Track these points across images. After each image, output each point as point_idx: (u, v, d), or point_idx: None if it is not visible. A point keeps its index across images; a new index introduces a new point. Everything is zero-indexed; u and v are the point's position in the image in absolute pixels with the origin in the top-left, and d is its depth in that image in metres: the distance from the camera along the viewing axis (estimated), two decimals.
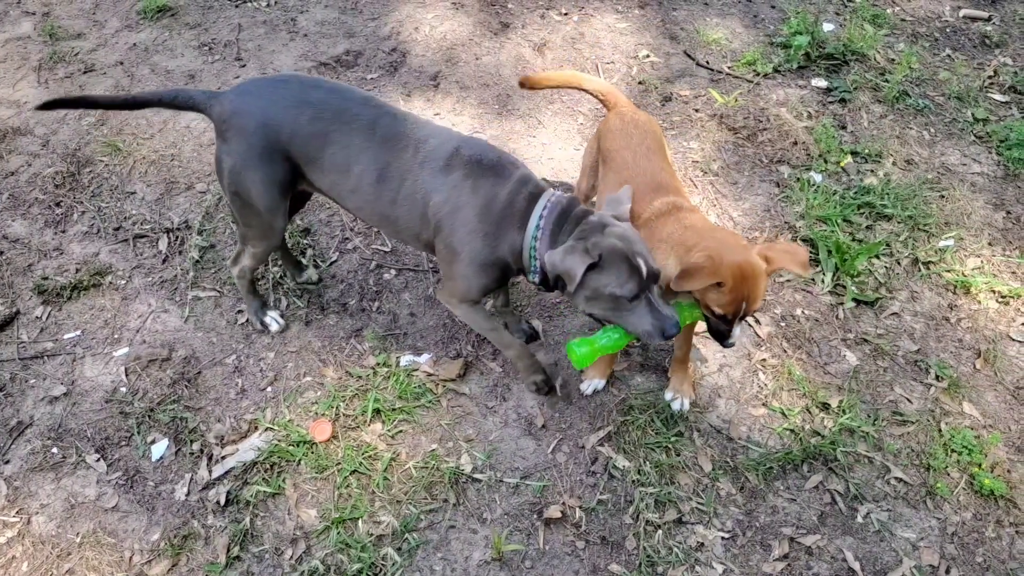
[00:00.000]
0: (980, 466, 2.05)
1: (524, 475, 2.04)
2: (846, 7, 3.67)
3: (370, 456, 2.06)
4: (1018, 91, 3.24)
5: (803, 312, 2.43)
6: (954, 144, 3.02)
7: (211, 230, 2.64)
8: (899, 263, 2.57)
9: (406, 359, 2.27)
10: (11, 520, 1.95)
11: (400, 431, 2.12)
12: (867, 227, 2.67)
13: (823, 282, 2.49)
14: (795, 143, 2.97)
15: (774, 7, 3.66)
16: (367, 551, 1.88)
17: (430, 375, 2.23)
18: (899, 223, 2.68)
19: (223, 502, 1.97)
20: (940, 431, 2.14)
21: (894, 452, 2.10)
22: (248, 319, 2.36)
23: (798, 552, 1.91)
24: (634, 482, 2.02)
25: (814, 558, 1.90)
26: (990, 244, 2.66)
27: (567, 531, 1.94)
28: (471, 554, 1.90)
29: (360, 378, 2.23)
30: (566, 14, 3.58)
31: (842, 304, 2.44)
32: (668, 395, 2.16)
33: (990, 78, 3.30)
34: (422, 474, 2.03)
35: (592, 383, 2.18)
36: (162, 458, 2.07)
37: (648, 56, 3.34)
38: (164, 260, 2.56)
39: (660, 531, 1.93)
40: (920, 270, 2.56)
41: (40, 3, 3.65)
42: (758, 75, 3.26)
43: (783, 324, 2.40)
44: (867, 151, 2.93)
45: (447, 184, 1.84)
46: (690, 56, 3.35)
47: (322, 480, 2.02)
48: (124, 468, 2.06)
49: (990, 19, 3.66)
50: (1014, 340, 2.38)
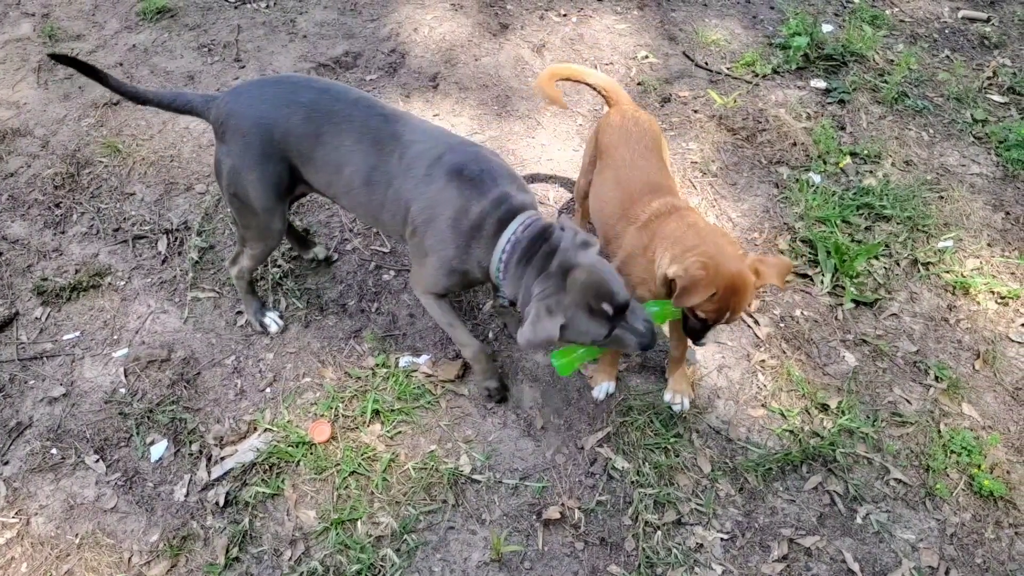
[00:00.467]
0: (979, 467, 2.05)
1: (523, 476, 2.04)
2: (845, 8, 3.68)
3: (369, 457, 2.06)
4: (1017, 92, 3.24)
5: (802, 313, 2.43)
6: (953, 145, 3.02)
7: (210, 231, 2.65)
8: (898, 264, 2.57)
9: (405, 360, 2.27)
10: (10, 521, 1.95)
11: (399, 432, 2.12)
12: (866, 228, 2.67)
13: (822, 283, 2.49)
14: (794, 144, 2.97)
15: (773, 8, 3.66)
16: (366, 552, 1.88)
17: (429, 376, 2.23)
18: (898, 224, 2.69)
19: (222, 503, 1.97)
20: (939, 432, 2.14)
21: (893, 453, 2.10)
22: (247, 320, 2.36)
23: (797, 553, 1.91)
24: (633, 483, 2.02)
25: (813, 559, 1.90)
26: (989, 245, 2.66)
27: (566, 532, 1.94)
28: (470, 555, 1.90)
29: (359, 379, 2.23)
30: (565, 15, 3.58)
31: (841, 305, 2.45)
32: (667, 396, 2.16)
33: (989, 79, 3.31)
34: (421, 475, 2.03)
35: (603, 387, 2.17)
36: (161, 459, 2.07)
37: (647, 57, 3.35)
38: (163, 261, 2.56)
39: (659, 532, 1.93)
40: (919, 271, 2.56)
41: (40, 4, 3.66)
42: (757, 76, 3.26)
43: (782, 325, 2.40)
44: (866, 152, 2.94)
45: (426, 193, 1.84)
46: (689, 57, 3.36)
47: (321, 481, 2.02)
48: (123, 469, 2.06)
49: (989, 20, 3.66)
50: (1013, 341, 2.38)
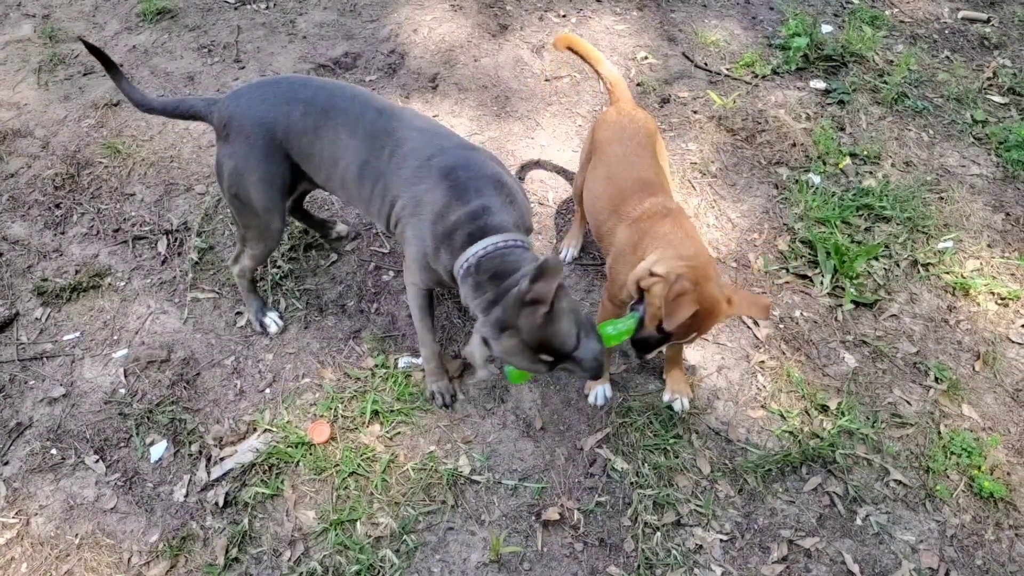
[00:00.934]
0: (980, 468, 2.05)
1: (522, 477, 2.04)
2: (844, 9, 3.68)
3: (368, 458, 2.06)
4: (1017, 93, 3.24)
5: (802, 314, 2.43)
6: (953, 146, 3.02)
7: (210, 232, 2.65)
8: (898, 265, 2.57)
9: (404, 360, 2.27)
10: (10, 521, 1.95)
11: (398, 432, 2.12)
12: (866, 229, 2.67)
13: (822, 284, 2.49)
14: (794, 145, 2.97)
15: (772, 9, 3.66)
16: (365, 553, 1.88)
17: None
18: (898, 225, 2.68)
19: (221, 503, 1.97)
20: (939, 433, 2.14)
21: (893, 454, 2.10)
22: (247, 320, 2.36)
23: (797, 554, 1.91)
24: (632, 484, 2.02)
25: (813, 560, 1.90)
26: (989, 246, 2.66)
27: (565, 533, 1.94)
28: (469, 556, 1.90)
29: (358, 379, 2.23)
30: (564, 16, 3.59)
31: (841, 306, 2.44)
32: (666, 396, 2.16)
33: (989, 80, 3.30)
34: (420, 476, 2.03)
35: (597, 392, 2.16)
36: (161, 459, 2.07)
37: (647, 58, 3.35)
38: (163, 262, 2.56)
39: (658, 533, 1.93)
40: (919, 272, 2.56)
41: (40, 5, 3.66)
42: (756, 77, 3.26)
43: (782, 326, 2.40)
44: (866, 153, 2.94)
45: (410, 191, 1.84)
46: (688, 58, 3.36)
47: (320, 482, 2.02)
48: (123, 469, 2.06)
49: (989, 21, 3.66)
50: (1013, 342, 2.38)
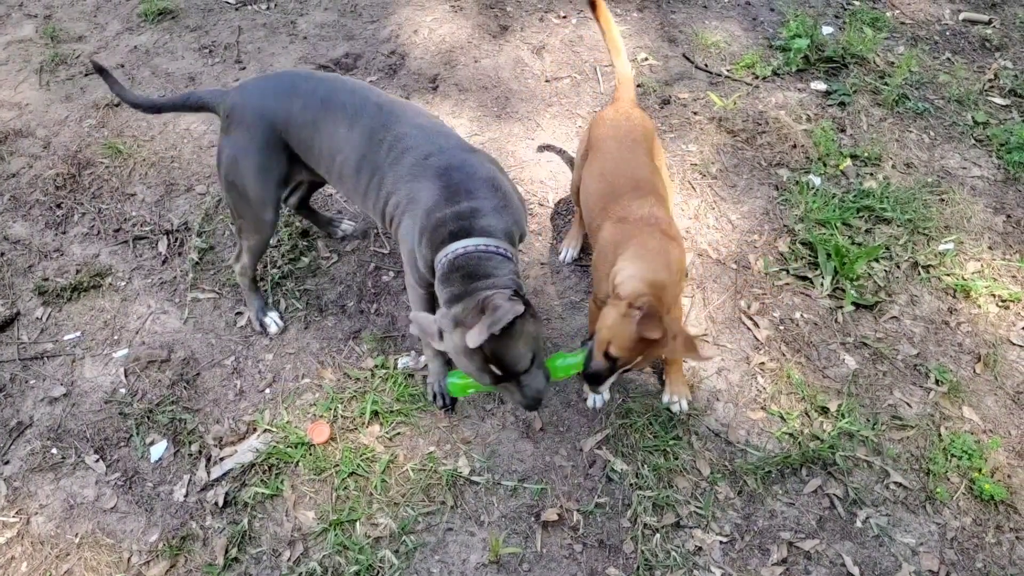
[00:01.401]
0: (980, 471, 2.05)
1: (522, 478, 2.04)
2: (845, 10, 3.68)
3: (368, 458, 2.06)
4: (1018, 94, 3.24)
5: (802, 315, 2.43)
6: (954, 147, 3.02)
7: (210, 232, 2.65)
8: (898, 267, 2.57)
9: (404, 361, 2.27)
10: (10, 520, 1.96)
11: (398, 433, 2.12)
12: (866, 230, 2.67)
13: (822, 286, 2.49)
14: (794, 146, 2.97)
15: (773, 10, 3.66)
16: (365, 553, 1.88)
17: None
18: (898, 226, 2.68)
19: (221, 503, 1.97)
20: (940, 436, 2.13)
21: (893, 456, 2.09)
22: (248, 319, 2.36)
23: (796, 557, 1.91)
24: (632, 485, 2.02)
25: (813, 563, 1.90)
26: (990, 248, 2.65)
27: (564, 534, 1.94)
28: (468, 556, 1.90)
29: (358, 380, 2.23)
30: (565, 17, 3.59)
31: (841, 308, 2.44)
32: (665, 397, 2.16)
33: (990, 81, 3.30)
34: (420, 476, 2.03)
35: (594, 396, 2.16)
36: (161, 459, 2.07)
37: (647, 59, 3.35)
38: (164, 262, 2.56)
39: (658, 535, 1.93)
40: (920, 274, 2.55)
41: (42, 6, 3.67)
42: (757, 78, 3.26)
43: (782, 327, 2.40)
44: (866, 154, 2.93)
45: (407, 189, 1.84)
46: (689, 59, 3.36)
47: (320, 482, 2.02)
48: (123, 469, 2.06)
49: (990, 22, 3.66)
50: (1014, 344, 2.37)
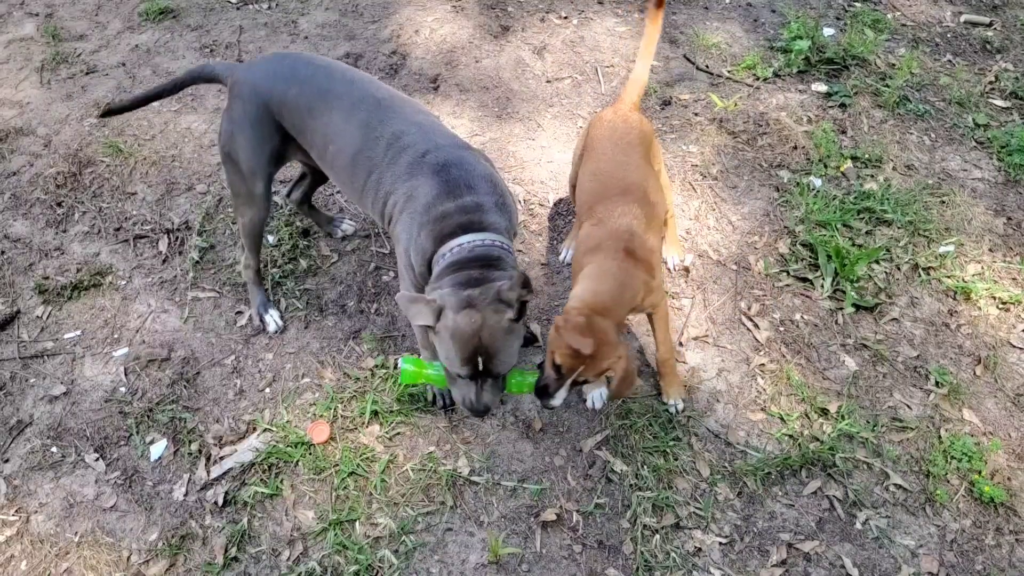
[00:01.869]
0: (980, 473, 2.05)
1: (521, 478, 2.04)
2: (847, 12, 3.68)
3: (368, 458, 2.06)
4: (1019, 97, 3.24)
5: (802, 317, 2.43)
6: (955, 149, 3.02)
7: (211, 231, 2.65)
8: (899, 268, 2.57)
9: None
10: (10, 519, 1.95)
11: (398, 433, 2.12)
12: (867, 232, 2.67)
13: (823, 287, 2.49)
14: (795, 148, 2.97)
15: (774, 11, 3.66)
16: (364, 553, 1.88)
17: None
18: (899, 228, 2.68)
19: (221, 503, 1.97)
20: (940, 438, 2.13)
21: (893, 458, 2.09)
22: (249, 315, 2.36)
23: (796, 558, 1.91)
24: (631, 486, 2.02)
25: (812, 564, 1.90)
26: (990, 250, 2.65)
27: (564, 535, 1.94)
28: (468, 557, 1.90)
29: (358, 380, 2.23)
30: (566, 17, 3.59)
31: (841, 309, 2.44)
32: (664, 398, 2.16)
33: (991, 83, 3.30)
34: (419, 476, 2.03)
35: (593, 396, 2.15)
36: (160, 458, 2.07)
37: None
38: (164, 261, 2.56)
39: (657, 536, 1.93)
40: (920, 276, 2.55)
41: (43, 4, 3.67)
42: (758, 79, 3.26)
43: (782, 329, 2.40)
44: (867, 156, 2.93)
45: (405, 188, 1.85)
46: (690, 60, 3.36)
47: (320, 482, 2.02)
48: (123, 468, 2.06)
49: (991, 24, 3.66)
50: (1014, 347, 2.37)
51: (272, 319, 2.34)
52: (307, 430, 2.11)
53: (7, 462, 2.07)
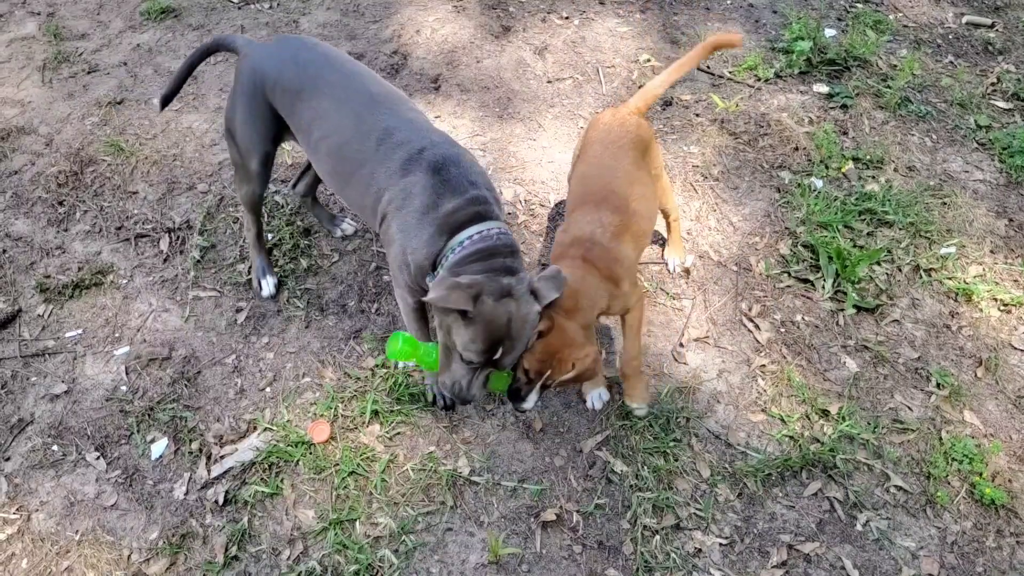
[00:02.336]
0: (981, 475, 2.04)
1: (522, 478, 2.04)
2: (848, 13, 3.68)
3: (368, 458, 2.06)
4: (1021, 98, 3.24)
5: (803, 318, 2.43)
6: (956, 151, 3.02)
7: (212, 230, 2.65)
8: (900, 270, 2.57)
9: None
10: (11, 517, 1.96)
11: (398, 433, 2.12)
12: (868, 233, 2.67)
13: (823, 288, 2.49)
14: (796, 149, 2.97)
15: (776, 12, 3.66)
16: (364, 552, 1.88)
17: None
18: (900, 230, 2.68)
19: (221, 502, 1.97)
20: (941, 439, 2.13)
21: (894, 460, 2.09)
22: (248, 279, 2.45)
23: (796, 559, 1.91)
24: (632, 487, 2.02)
25: (812, 565, 1.90)
26: (992, 252, 2.65)
27: (564, 535, 1.94)
28: (468, 557, 1.90)
29: (359, 379, 2.23)
30: (567, 18, 3.59)
31: (842, 310, 2.44)
32: (627, 401, 2.11)
33: (993, 85, 3.30)
34: (420, 476, 2.03)
35: (593, 395, 2.14)
36: (161, 457, 2.07)
37: (649, 60, 3.35)
38: (165, 260, 2.57)
39: (658, 536, 1.93)
40: (921, 277, 2.55)
41: (45, 3, 3.68)
42: (759, 80, 3.26)
43: (783, 330, 2.40)
44: (868, 157, 2.93)
45: (400, 185, 1.83)
46: None
47: (320, 481, 2.02)
48: (123, 466, 2.06)
49: (993, 26, 3.66)
50: (1016, 348, 2.37)
51: (267, 285, 2.40)
52: (307, 429, 2.11)
53: (8, 460, 2.07)
